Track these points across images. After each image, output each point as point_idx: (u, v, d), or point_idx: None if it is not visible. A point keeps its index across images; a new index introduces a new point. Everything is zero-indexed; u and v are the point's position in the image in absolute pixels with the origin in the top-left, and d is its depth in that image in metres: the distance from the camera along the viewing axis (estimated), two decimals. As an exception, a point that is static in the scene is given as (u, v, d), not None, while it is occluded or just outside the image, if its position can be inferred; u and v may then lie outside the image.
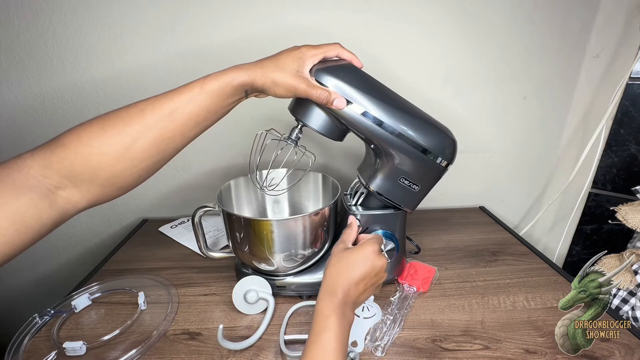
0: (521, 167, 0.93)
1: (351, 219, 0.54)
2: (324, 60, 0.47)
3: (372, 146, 0.54)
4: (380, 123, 0.48)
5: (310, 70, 0.46)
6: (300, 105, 0.50)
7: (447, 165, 0.52)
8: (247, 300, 0.54)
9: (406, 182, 0.53)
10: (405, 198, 0.54)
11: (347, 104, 0.46)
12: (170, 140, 0.40)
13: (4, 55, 0.71)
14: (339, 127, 0.51)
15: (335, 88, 0.46)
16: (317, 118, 0.49)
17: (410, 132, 0.49)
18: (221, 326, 0.50)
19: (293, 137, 0.52)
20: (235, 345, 0.48)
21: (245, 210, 0.67)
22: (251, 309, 0.55)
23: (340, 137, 0.52)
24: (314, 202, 0.70)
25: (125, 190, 0.40)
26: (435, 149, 0.50)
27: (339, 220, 0.60)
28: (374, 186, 0.54)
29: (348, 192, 0.62)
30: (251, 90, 0.44)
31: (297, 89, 0.44)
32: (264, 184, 0.61)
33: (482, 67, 0.80)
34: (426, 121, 0.51)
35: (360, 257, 0.45)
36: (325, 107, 0.47)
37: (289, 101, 0.78)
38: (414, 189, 0.53)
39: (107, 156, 0.37)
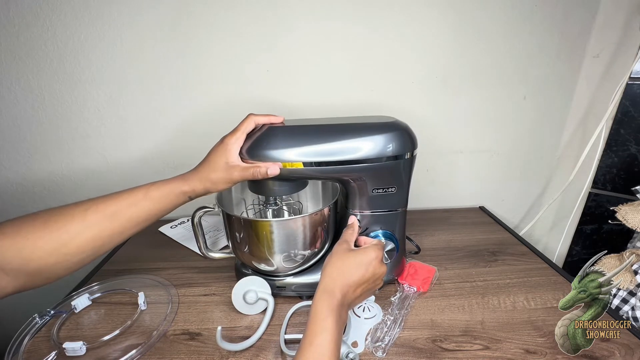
0: (521, 167, 0.93)
1: (352, 219, 0.55)
2: (248, 135, 0.50)
3: (331, 182, 0.55)
4: (321, 163, 0.48)
5: (241, 152, 0.49)
6: (254, 184, 0.53)
7: (412, 154, 0.52)
8: (247, 301, 0.54)
9: (380, 190, 0.53)
10: (388, 203, 0.55)
11: (285, 163, 0.48)
12: (108, 238, 0.43)
13: (4, 55, 0.71)
14: (297, 181, 0.53)
15: (266, 157, 0.48)
16: (273, 187, 0.52)
17: (356, 155, 0.49)
18: (219, 327, 0.50)
19: (271, 201, 0.57)
20: (234, 347, 0.48)
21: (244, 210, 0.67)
22: (251, 310, 0.55)
23: (303, 186, 0.55)
24: (314, 202, 0.70)
25: (53, 280, 0.42)
26: (392, 152, 0.50)
27: (339, 220, 0.60)
28: (355, 209, 0.55)
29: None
30: (195, 195, 0.49)
31: (233, 179, 0.48)
32: None
33: (482, 67, 0.80)
34: (369, 132, 0.50)
35: (363, 260, 0.45)
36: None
37: (290, 97, 0.79)
38: (391, 191, 0.53)
39: (41, 250, 0.39)
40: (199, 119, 0.81)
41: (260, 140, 0.49)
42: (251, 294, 0.54)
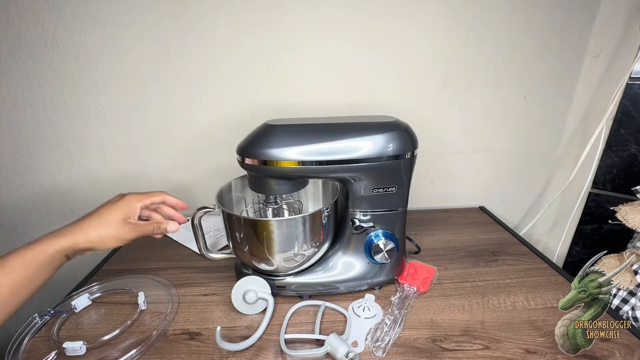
0: (521, 167, 0.93)
1: None
2: (248, 134, 0.50)
3: (331, 182, 0.56)
4: (321, 162, 0.48)
5: (239, 151, 0.49)
6: (256, 184, 0.54)
7: (412, 154, 0.52)
8: (246, 301, 0.54)
9: (380, 190, 0.53)
10: (388, 202, 0.55)
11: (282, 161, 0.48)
12: None
13: (4, 55, 0.71)
14: (297, 179, 0.53)
15: (267, 156, 0.48)
16: (273, 186, 0.52)
17: (357, 154, 0.49)
18: (219, 328, 0.49)
19: (271, 200, 0.57)
20: (234, 347, 0.48)
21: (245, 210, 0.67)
22: (250, 309, 0.55)
23: (303, 185, 0.56)
24: (314, 202, 0.70)
25: None
26: (392, 151, 0.49)
27: (339, 220, 0.60)
28: (355, 209, 0.55)
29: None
30: (73, 253, 0.44)
31: (128, 235, 0.46)
32: None
33: (482, 67, 0.80)
34: (369, 132, 0.50)
35: None
36: (274, 173, 0.50)
37: (290, 97, 0.79)
38: (392, 191, 0.53)
39: None
40: (199, 118, 0.81)
41: (260, 139, 0.49)
42: (251, 293, 0.54)
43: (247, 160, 0.49)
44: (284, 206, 0.65)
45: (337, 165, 0.49)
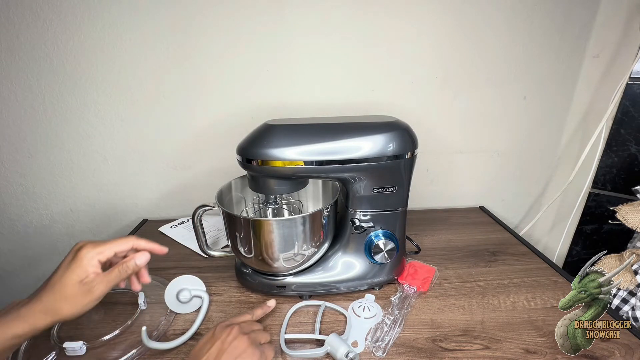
0: (521, 167, 0.93)
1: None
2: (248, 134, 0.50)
3: (331, 182, 0.56)
4: (322, 162, 0.48)
5: (238, 152, 0.50)
6: (256, 184, 0.54)
7: (412, 154, 0.52)
8: (180, 300, 0.54)
9: (380, 190, 0.53)
10: (389, 202, 0.55)
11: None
12: None
13: (4, 55, 0.71)
14: (296, 180, 0.53)
15: (267, 155, 0.48)
16: (273, 186, 0.52)
17: (357, 154, 0.49)
18: (144, 328, 0.48)
19: (271, 200, 0.57)
20: (163, 345, 0.47)
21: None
22: (185, 308, 0.55)
23: (303, 185, 0.56)
24: (314, 202, 0.70)
25: None
26: (392, 151, 0.49)
27: (339, 220, 0.60)
28: (355, 208, 0.55)
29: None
30: (34, 333, 0.38)
31: (90, 301, 0.39)
32: None
33: (482, 67, 0.80)
34: (370, 132, 0.50)
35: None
36: (274, 173, 0.50)
37: (290, 96, 0.79)
38: (392, 191, 0.53)
39: None
40: (199, 118, 0.81)
41: (260, 139, 0.49)
42: (184, 292, 0.55)
43: (247, 160, 0.49)
44: (284, 206, 0.65)
45: (337, 165, 0.49)
